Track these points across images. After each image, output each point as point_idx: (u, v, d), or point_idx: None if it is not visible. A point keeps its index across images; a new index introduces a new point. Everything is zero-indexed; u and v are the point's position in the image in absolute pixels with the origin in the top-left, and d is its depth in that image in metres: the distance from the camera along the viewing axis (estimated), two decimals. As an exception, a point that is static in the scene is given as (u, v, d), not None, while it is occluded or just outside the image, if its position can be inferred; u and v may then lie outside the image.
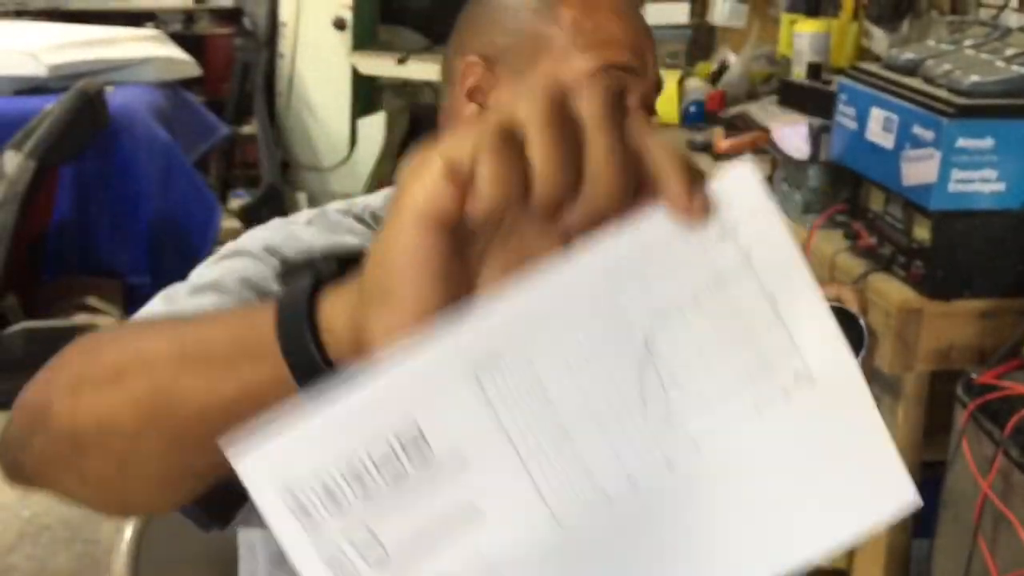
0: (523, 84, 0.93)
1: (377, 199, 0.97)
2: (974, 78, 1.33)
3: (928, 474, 1.45)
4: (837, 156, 1.61)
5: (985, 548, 1.24)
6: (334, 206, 0.95)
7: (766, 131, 1.78)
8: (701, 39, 3.04)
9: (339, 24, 2.14)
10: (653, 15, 2.88)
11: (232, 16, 3.49)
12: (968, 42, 1.46)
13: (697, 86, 2.45)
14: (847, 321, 0.94)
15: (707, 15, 2.74)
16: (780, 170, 1.80)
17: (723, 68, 2.49)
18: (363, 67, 2.19)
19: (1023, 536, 1.17)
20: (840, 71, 1.74)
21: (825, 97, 1.68)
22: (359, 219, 0.93)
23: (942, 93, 1.35)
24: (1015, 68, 1.34)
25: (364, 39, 2.26)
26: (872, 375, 1.13)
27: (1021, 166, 1.33)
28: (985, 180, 1.33)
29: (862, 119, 1.51)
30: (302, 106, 2.15)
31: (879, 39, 2.03)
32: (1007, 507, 1.21)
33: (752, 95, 2.33)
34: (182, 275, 0.76)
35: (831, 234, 1.62)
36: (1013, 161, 1.32)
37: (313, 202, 2.39)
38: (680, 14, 2.84)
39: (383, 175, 2.50)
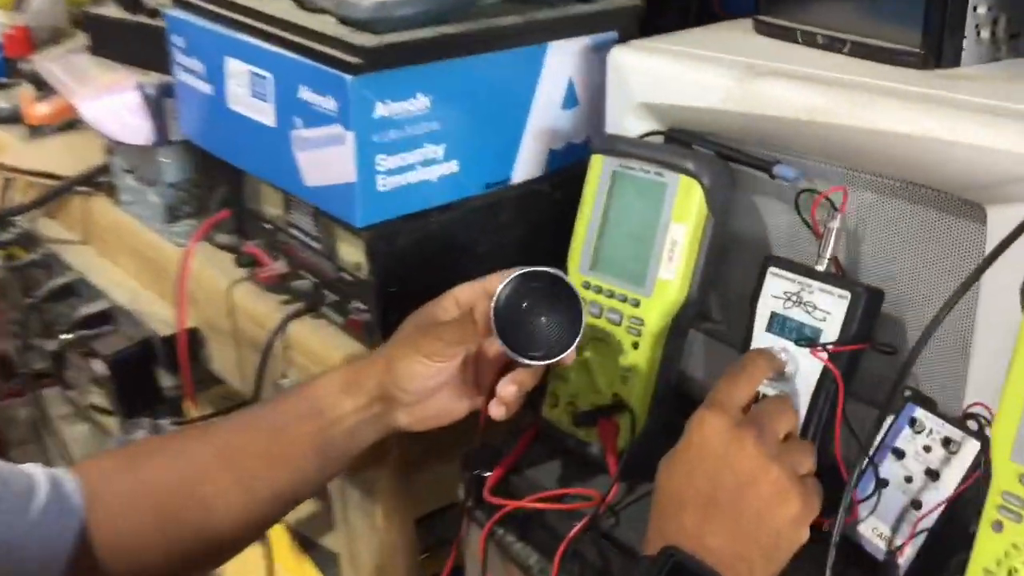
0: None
1: None
2: (375, -7, 0.78)
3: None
4: (192, 135, 1.00)
5: None
6: None
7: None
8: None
9: None
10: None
11: None
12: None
13: (-5, 20, 1.65)
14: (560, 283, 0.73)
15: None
16: (118, 158, 1.14)
17: (29, -9, 1.71)
18: None
19: None
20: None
21: (156, 38, 1.03)
22: None
23: (333, 29, 0.79)
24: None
25: None
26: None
27: (466, 132, 0.83)
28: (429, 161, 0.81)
29: (215, 76, 0.90)
30: None
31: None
32: None
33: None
34: None
35: (217, 256, 1.02)
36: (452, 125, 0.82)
37: None
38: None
39: None
